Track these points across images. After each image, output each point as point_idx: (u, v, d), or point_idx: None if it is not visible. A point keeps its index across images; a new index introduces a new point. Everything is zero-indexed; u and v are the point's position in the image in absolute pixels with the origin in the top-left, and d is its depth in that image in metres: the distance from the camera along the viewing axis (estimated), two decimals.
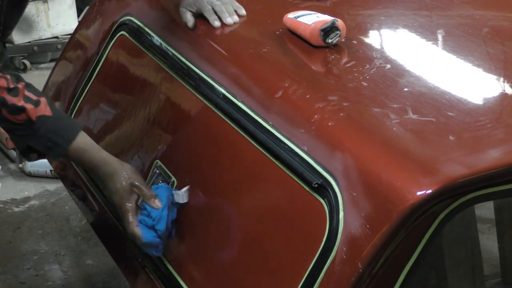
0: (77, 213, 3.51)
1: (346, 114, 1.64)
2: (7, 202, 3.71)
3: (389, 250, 1.43)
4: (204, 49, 2.05)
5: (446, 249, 2.13)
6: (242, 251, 1.70)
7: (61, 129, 1.81)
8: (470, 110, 1.70)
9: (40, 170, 3.89)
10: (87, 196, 2.25)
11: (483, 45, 2.01)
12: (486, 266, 2.29)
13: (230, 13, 2.09)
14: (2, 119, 1.77)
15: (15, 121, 1.77)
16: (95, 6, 2.55)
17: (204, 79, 1.94)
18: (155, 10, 2.30)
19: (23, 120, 1.77)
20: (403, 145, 1.55)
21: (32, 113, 1.77)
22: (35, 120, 1.77)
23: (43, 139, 1.79)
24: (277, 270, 1.61)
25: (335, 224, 1.48)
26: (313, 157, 1.59)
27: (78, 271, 3.20)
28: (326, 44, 1.89)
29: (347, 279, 1.44)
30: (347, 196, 1.49)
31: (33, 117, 1.77)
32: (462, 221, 2.16)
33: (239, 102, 1.81)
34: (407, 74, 1.84)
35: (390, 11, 2.28)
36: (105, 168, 1.84)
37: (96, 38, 2.40)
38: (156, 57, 2.14)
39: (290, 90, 1.74)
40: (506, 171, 1.47)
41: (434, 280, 2.15)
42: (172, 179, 1.91)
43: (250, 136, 1.74)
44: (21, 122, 1.77)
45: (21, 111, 1.76)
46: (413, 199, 1.40)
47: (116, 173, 1.83)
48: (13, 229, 3.49)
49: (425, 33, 2.09)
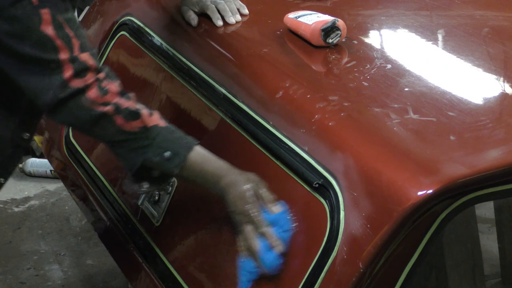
0: (77, 213, 3.51)
1: (346, 114, 1.64)
2: (7, 202, 3.71)
3: (390, 250, 1.43)
4: (205, 49, 2.05)
5: (447, 249, 2.13)
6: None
7: (178, 138, 1.68)
8: (471, 110, 1.70)
9: (40, 170, 3.89)
10: (87, 196, 2.25)
11: (483, 45, 2.01)
12: (486, 266, 2.29)
13: (233, 12, 2.09)
14: (116, 132, 1.62)
15: (131, 130, 1.62)
16: (95, 6, 2.55)
17: (205, 79, 1.94)
18: (155, 10, 2.30)
19: (139, 127, 1.62)
20: (404, 145, 1.55)
21: (148, 120, 1.63)
22: (150, 127, 1.63)
23: (161, 149, 1.64)
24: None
25: (336, 224, 1.49)
26: (314, 157, 1.59)
27: (78, 271, 3.20)
28: (327, 44, 1.90)
29: (348, 279, 1.44)
30: (348, 196, 1.49)
31: (150, 124, 1.63)
32: (463, 221, 2.16)
33: (240, 102, 1.81)
34: (408, 74, 1.84)
35: (390, 11, 2.28)
36: (229, 175, 1.67)
37: (96, 38, 2.40)
38: (157, 57, 2.14)
39: (290, 90, 1.74)
40: (506, 171, 1.47)
41: (435, 280, 2.16)
42: (173, 179, 1.91)
43: (251, 136, 1.74)
44: (137, 130, 1.62)
45: (136, 116, 1.62)
46: (413, 199, 1.40)
47: (240, 179, 1.65)
48: (13, 229, 3.49)
49: (425, 33, 2.09)
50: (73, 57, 1.60)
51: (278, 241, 1.57)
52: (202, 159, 1.67)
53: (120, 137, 1.63)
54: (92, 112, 1.61)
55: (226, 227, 1.76)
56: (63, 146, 2.40)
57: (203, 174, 1.67)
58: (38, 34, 1.59)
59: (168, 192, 1.92)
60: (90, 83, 1.60)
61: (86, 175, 2.26)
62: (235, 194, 1.63)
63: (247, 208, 1.61)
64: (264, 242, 1.57)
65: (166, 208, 1.91)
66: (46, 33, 1.59)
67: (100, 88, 1.61)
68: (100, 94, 1.60)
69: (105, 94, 1.61)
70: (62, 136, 2.42)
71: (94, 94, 1.60)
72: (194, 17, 2.10)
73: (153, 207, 1.94)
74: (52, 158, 2.47)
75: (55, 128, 2.48)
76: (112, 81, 1.64)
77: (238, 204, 1.62)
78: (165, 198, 1.92)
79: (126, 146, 1.64)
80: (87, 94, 1.60)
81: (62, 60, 1.59)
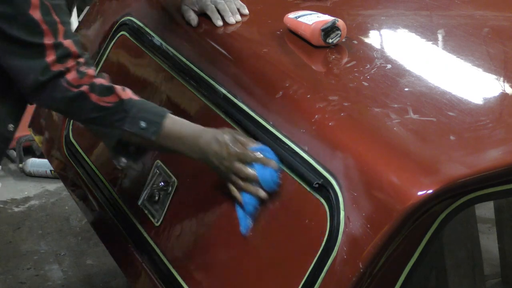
0: (77, 213, 3.51)
1: (346, 114, 1.64)
2: (7, 202, 3.71)
3: (390, 250, 1.43)
4: (205, 49, 2.05)
5: (447, 249, 2.13)
6: (243, 251, 1.70)
7: (151, 108, 1.75)
8: (471, 110, 1.70)
9: (40, 170, 3.89)
10: (87, 196, 2.25)
11: (483, 45, 2.01)
12: (486, 266, 2.29)
13: (233, 12, 2.09)
14: (92, 108, 1.69)
15: (105, 105, 1.69)
16: (95, 6, 2.55)
17: (205, 79, 1.94)
18: (155, 10, 2.30)
19: (113, 102, 1.70)
20: (404, 145, 1.55)
21: (121, 94, 1.71)
22: (125, 99, 1.71)
23: (136, 119, 1.71)
24: (278, 270, 1.61)
25: (336, 224, 1.49)
26: (314, 157, 1.59)
27: (78, 271, 3.20)
28: (327, 44, 1.90)
29: (348, 279, 1.44)
30: (348, 196, 1.49)
31: (124, 97, 1.71)
32: (463, 221, 2.16)
33: (240, 102, 1.81)
34: (408, 74, 1.84)
35: (390, 11, 2.28)
36: (206, 134, 1.74)
37: (96, 38, 2.40)
38: (157, 57, 2.14)
39: (290, 90, 1.74)
40: (506, 171, 1.47)
41: (435, 280, 2.16)
42: (173, 179, 1.91)
43: (251, 136, 1.74)
44: (111, 104, 1.70)
45: (110, 91, 1.70)
46: (413, 199, 1.40)
47: (217, 133, 1.73)
48: (13, 229, 3.49)
49: (425, 33, 2.09)
50: (57, 42, 1.66)
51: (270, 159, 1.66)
52: (177, 125, 1.75)
53: (96, 113, 1.71)
54: (69, 93, 1.68)
55: (226, 227, 1.76)
56: (63, 146, 2.40)
57: (181, 138, 1.74)
58: (26, 18, 1.64)
59: (168, 192, 1.92)
60: (70, 66, 1.68)
61: (86, 175, 2.26)
62: (216, 147, 1.70)
63: (231, 150, 1.69)
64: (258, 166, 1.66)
65: (166, 208, 1.91)
66: (34, 17, 1.64)
67: (79, 72, 1.68)
68: (78, 76, 1.68)
69: (82, 77, 1.68)
70: (62, 136, 2.42)
71: (72, 77, 1.67)
72: (194, 17, 2.09)
73: (153, 207, 1.94)
74: (52, 158, 2.48)
75: (55, 128, 2.48)
76: (91, 67, 1.73)
77: (221, 153, 1.70)
78: (165, 198, 1.92)
79: (103, 122, 1.72)
80: (66, 76, 1.67)
81: (47, 45, 1.66)
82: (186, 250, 1.85)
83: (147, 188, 1.97)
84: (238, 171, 1.69)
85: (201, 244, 1.82)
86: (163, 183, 1.94)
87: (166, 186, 1.93)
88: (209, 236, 1.80)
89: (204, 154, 1.73)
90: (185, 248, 1.86)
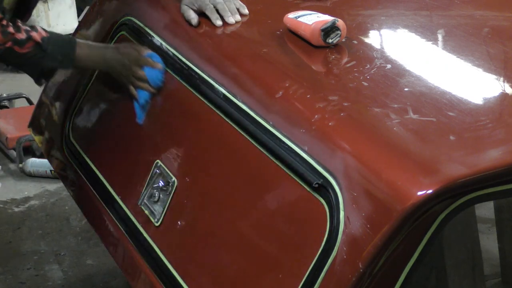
0: (77, 213, 3.51)
1: (346, 114, 1.64)
2: (7, 202, 3.72)
3: (389, 250, 1.43)
4: (205, 49, 2.05)
5: (447, 249, 2.13)
6: (243, 251, 1.70)
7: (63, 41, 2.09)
8: (471, 110, 1.70)
9: (40, 170, 3.89)
10: (87, 196, 2.25)
11: (483, 45, 2.01)
12: (486, 266, 2.29)
13: (232, 12, 2.08)
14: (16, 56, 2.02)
15: (26, 51, 2.01)
16: (95, 6, 2.55)
17: (205, 79, 1.94)
18: (155, 10, 2.30)
19: (32, 46, 2.02)
20: (404, 145, 1.55)
21: (38, 37, 2.02)
22: (41, 41, 2.03)
23: (54, 55, 2.05)
24: (278, 270, 1.61)
25: (336, 224, 1.49)
26: (314, 157, 1.59)
27: (78, 271, 3.20)
28: (327, 44, 1.90)
29: (348, 279, 1.44)
30: (347, 196, 1.49)
31: (39, 39, 2.02)
32: (463, 221, 2.16)
33: (240, 102, 1.81)
34: (408, 74, 1.84)
35: (390, 11, 2.28)
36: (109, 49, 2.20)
37: (96, 38, 2.40)
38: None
39: (290, 90, 1.74)
40: (506, 171, 1.47)
41: (435, 280, 2.15)
42: (173, 179, 1.91)
43: (251, 136, 1.74)
44: (31, 49, 2.02)
45: (28, 40, 2.01)
46: (413, 199, 1.40)
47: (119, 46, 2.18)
48: (13, 229, 3.49)
49: (425, 33, 2.09)
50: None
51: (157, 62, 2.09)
52: (86, 49, 2.13)
53: (21, 59, 2.04)
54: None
55: (226, 227, 1.76)
56: (63, 146, 2.40)
57: (91, 58, 2.14)
58: None
59: (168, 192, 1.92)
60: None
61: (86, 175, 2.26)
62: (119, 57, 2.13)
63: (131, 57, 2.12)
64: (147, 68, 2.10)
65: (166, 208, 1.91)
66: None
67: (3, 33, 1.98)
68: (3, 37, 1.98)
69: (6, 36, 1.98)
70: (62, 136, 2.42)
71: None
72: (194, 16, 2.09)
73: (153, 207, 1.94)
74: (52, 158, 2.47)
75: (55, 128, 2.48)
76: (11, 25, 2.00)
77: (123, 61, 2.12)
78: (165, 198, 1.92)
79: (28, 63, 2.06)
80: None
81: None
82: (186, 250, 1.85)
83: (147, 188, 1.97)
84: (134, 73, 2.10)
85: (201, 244, 1.82)
86: (163, 183, 1.94)
87: (166, 186, 1.93)
88: (209, 236, 1.80)
89: (110, 65, 2.17)
90: (185, 248, 1.86)
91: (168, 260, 1.85)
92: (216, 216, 1.80)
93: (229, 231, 1.75)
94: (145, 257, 1.90)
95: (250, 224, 1.73)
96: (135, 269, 1.94)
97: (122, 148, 2.19)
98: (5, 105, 4.50)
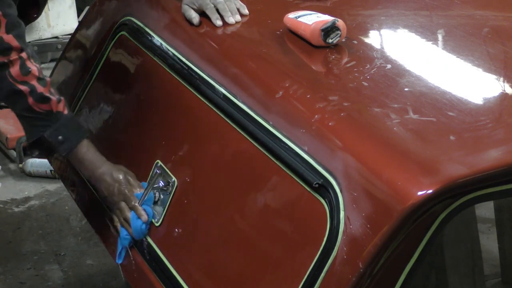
0: (77, 213, 3.51)
1: (346, 114, 1.64)
2: (7, 202, 3.72)
3: (389, 250, 1.43)
4: (205, 49, 2.05)
5: (447, 249, 2.13)
6: (243, 251, 1.70)
7: (73, 126, 1.97)
8: (471, 110, 1.70)
9: (40, 170, 3.89)
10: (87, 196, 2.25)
11: (483, 45, 2.01)
12: (486, 266, 2.29)
13: (232, 12, 2.08)
14: (26, 108, 1.89)
15: (38, 110, 1.89)
16: (95, 6, 2.54)
17: (205, 79, 1.94)
18: (155, 10, 2.29)
19: (45, 110, 1.90)
20: (404, 145, 1.55)
21: (54, 106, 1.91)
22: (54, 113, 1.91)
23: (57, 132, 1.92)
24: (278, 270, 1.61)
25: (336, 224, 1.49)
26: (314, 157, 1.59)
27: (78, 271, 3.20)
28: (327, 44, 1.90)
29: (348, 279, 1.44)
30: (347, 196, 1.49)
31: (54, 110, 1.91)
32: (463, 221, 2.16)
33: (240, 102, 1.81)
34: (408, 74, 1.84)
35: (390, 11, 2.28)
36: (104, 167, 1.99)
37: (96, 38, 2.40)
38: (157, 57, 2.14)
39: (290, 90, 1.74)
40: (506, 171, 1.47)
41: (435, 280, 2.16)
42: (173, 179, 1.91)
43: (251, 136, 1.74)
44: (43, 112, 1.90)
45: (46, 101, 1.89)
46: (413, 199, 1.40)
47: (114, 169, 1.99)
48: (13, 229, 3.49)
49: (425, 33, 2.09)
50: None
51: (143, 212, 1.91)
52: (87, 151, 1.98)
53: (27, 113, 1.90)
54: (12, 86, 1.85)
55: (226, 227, 1.76)
56: None
57: (84, 163, 1.99)
58: None
59: (168, 192, 1.92)
60: (13, 59, 1.83)
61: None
62: (109, 182, 1.97)
63: (121, 189, 1.95)
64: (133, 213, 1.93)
65: (166, 208, 1.91)
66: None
67: (22, 67, 1.84)
68: (22, 73, 1.84)
69: (26, 74, 1.85)
70: None
71: (16, 72, 1.84)
72: (196, 15, 2.09)
73: (153, 207, 1.94)
74: (52, 158, 2.47)
75: None
76: (35, 62, 1.88)
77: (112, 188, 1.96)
78: (165, 198, 1.92)
79: (30, 121, 1.92)
80: (10, 69, 1.84)
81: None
82: (186, 250, 1.85)
83: (147, 188, 1.97)
84: (120, 209, 1.94)
85: (201, 244, 1.82)
86: (163, 183, 1.94)
87: (166, 186, 1.93)
88: (209, 236, 1.80)
89: (98, 183, 1.99)
90: (185, 248, 1.86)
91: (168, 260, 1.85)
92: (216, 216, 1.80)
93: (229, 231, 1.75)
94: (145, 257, 1.90)
95: (250, 224, 1.73)
96: (135, 269, 1.94)
97: (122, 148, 2.19)
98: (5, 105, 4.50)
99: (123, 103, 2.28)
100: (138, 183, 1.98)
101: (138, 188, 1.97)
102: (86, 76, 2.39)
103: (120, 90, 2.31)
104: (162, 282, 1.84)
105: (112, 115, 2.31)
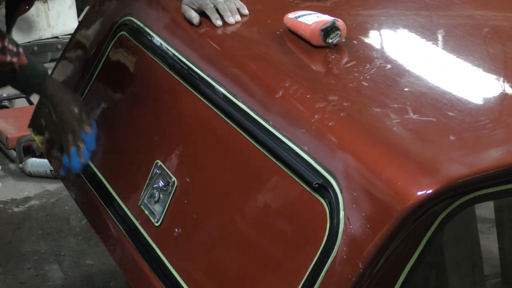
0: (77, 213, 3.51)
1: (346, 114, 1.64)
2: (7, 202, 3.71)
3: (389, 250, 1.43)
4: (205, 49, 2.05)
5: (447, 249, 2.13)
6: (242, 251, 1.70)
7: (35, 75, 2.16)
8: (471, 110, 1.70)
9: (40, 170, 3.89)
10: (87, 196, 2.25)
11: (483, 45, 2.01)
12: (486, 266, 2.29)
13: (232, 12, 2.08)
14: None
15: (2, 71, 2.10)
16: (95, 6, 2.54)
17: (205, 79, 1.94)
18: (155, 10, 2.29)
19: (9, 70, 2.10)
20: (404, 145, 1.55)
21: (16, 65, 2.10)
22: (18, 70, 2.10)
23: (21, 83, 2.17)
24: (278, 270, 1.61)
25: (336, 224, 1.49)
26: (314, 157, 1.59)
27: (78, 271, 3.20)
28: (327, 44, 1.90)
29: (348, 279, 1.44)
30: (347, 196, 1.49)
31: (17, 67, 2.10)
32: (463, 221, 2.16)
33: (240, 102, 1.81)
34: (408, 74, 1.84)
35: (390, 11, 2.28)
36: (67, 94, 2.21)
37: (96, 38, 2.40)
38: (157, 57, 2.14)
39: (290, 90, 1.74)
40: (506, 171, 1.47)
41: (434, 280, 2.15)
42: (173, 179, 1.91)
43: (251, 136, 1.74)
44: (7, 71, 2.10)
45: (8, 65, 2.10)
46: (413, 199, 1.40)
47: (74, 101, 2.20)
48: (13, 229, 3.49)
49: (425, 33, 2.09)
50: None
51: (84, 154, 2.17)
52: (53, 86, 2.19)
53: None
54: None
55: (226, 227, 1.76)
56: None
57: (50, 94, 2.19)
58: None
59: (168, 192, 1.92)
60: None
61: (86, 175, 2.26)
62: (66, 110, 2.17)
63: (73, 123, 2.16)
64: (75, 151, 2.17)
65: (166, 208, 1.91)
66: None
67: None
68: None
69: None
70: None
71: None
72: (196, 15, 2.09)
73: (153, 207, 1.94)
74: (52, 158, 2.47)
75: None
76: None
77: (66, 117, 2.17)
78: (165, 198, 1.92)
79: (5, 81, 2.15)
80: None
81: None
82: (186, 250, 1.85)
83: (147, 188, 1.97)
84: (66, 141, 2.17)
85: (201, 244, 1.82)
86: (163, 183, 1.94)
87: (166, 186, 1.93)
88: (209, 236, 1.80)
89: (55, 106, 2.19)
90: (185, 248, 1.86)
91: (168, 260, 1.85)
92: (216, 216, 1.80)
93: (229, 231, 1.75)
94: (145, 257, 1.90)
95: (250, 224, 1.73)
96: (135, 269, 1.94)
97: (122, 148, 2.19)
98: (5, 105, 4.49)
99: (123, 103, 2.28)
100: (89, 121, 2.19)
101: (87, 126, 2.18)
102: (86, 76, 2.39)
103: (120, 90, 2.31)
104: (162, 282, 1.84)
105: (112, 115, 2.31)
